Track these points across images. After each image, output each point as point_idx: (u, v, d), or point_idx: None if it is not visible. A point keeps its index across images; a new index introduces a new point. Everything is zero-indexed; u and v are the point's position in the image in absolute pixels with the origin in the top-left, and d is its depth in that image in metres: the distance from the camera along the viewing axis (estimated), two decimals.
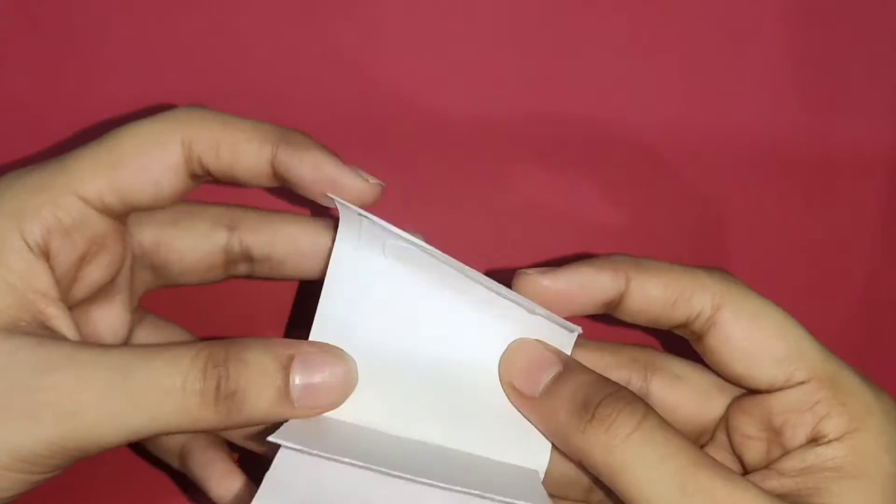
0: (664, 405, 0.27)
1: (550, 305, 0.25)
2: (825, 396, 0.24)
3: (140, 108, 0.34)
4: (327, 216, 0.29)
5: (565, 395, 0.24)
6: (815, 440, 0.24)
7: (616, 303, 0.25)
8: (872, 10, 0.36)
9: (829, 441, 0.24)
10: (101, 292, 0.27)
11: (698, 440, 0.28)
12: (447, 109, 0.34)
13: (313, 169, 0.25)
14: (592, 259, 0.26)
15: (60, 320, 0.24)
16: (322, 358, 0.24)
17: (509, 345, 0.25)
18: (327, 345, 0.25)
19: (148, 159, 0.25)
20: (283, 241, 0.27)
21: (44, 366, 0.23)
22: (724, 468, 0.22)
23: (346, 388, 0.25)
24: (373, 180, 0.26)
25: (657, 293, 0.25)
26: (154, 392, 0.23)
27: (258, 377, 0.23)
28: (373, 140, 0.34)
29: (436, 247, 0.26)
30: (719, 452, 0.27)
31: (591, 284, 0.25)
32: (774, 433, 0.25)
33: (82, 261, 0.26)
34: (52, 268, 0.24)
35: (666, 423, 0.23)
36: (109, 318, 0.27)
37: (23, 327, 0.23)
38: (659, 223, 0.35)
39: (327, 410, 0.25)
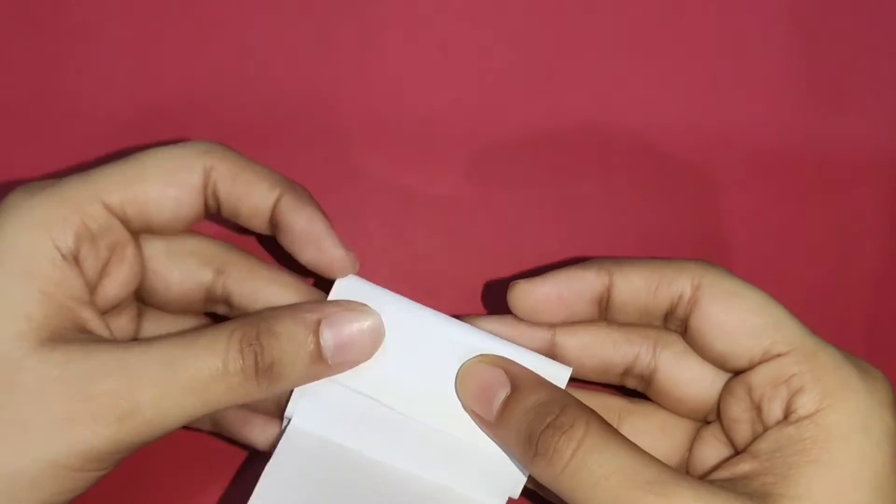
0: (672, 380, 0.27)
1: (544, 313, 0.26)
2: (801, 370, 0.24)
3: (140, 109, 0.34)
4: (312, 276, 0.29)
5: (513, 425, 0.24)
6: (786, 417, 0.24)
7: (605, 301, 0.26)
8: (872, 10, 0.36)
9: (799, 419, 0.23)
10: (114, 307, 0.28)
11: (708, 416, 0.27)
12: (447, 109, 0.35)
13: (307, 222, 0.27)
14: (576, 263, 0.27)
15: (95, 323, 0.25)
16: (347, 315, 0.26)
17: (459, 369, 0.26)
18: (351, 302, 0.27)
19: (172, 178, 0.26)
20: (263, 300, 0.28)
21: (98, 372, 0.24)
22: (666, 476, 0.22)
23: (375, 339, 0.26)
24: (351, 255, 0.27)
25: (639, 282, 0.25)
26: (202, 377, 0.24)
27: (290, 346, 0.25)
28: (373, 139, 0.34)
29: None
30: (719, 434, 0.27)
31: (577, 283, 0.26)
32: (756, 412, 0.25)
33: (104, 270, 0.26)
34: (82, 273, 0.25)
35: (606, 439, 0.23)
36: (118, 325, 0.28)
37: (65, 335, 0.24)
38: (659, 223, 0.35)
39: (362, 362, 0.26)
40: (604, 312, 0.27)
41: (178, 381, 0.24)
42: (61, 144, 0.33)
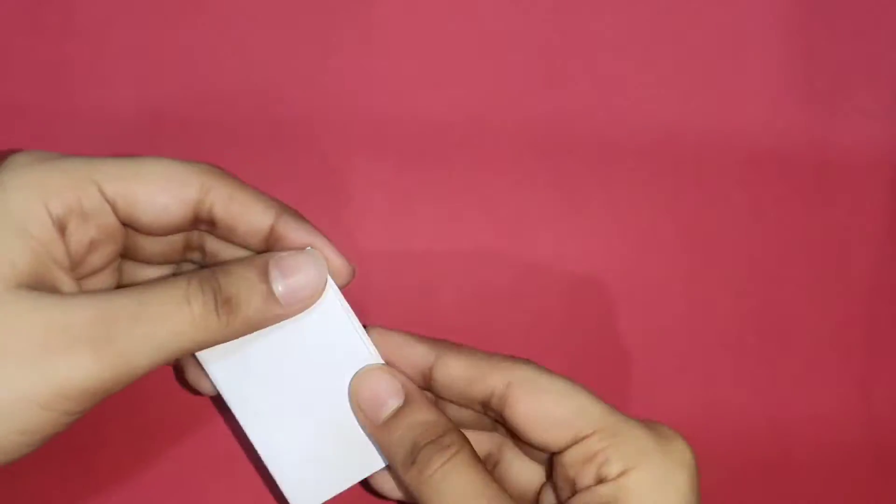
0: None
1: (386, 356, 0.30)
2: (606, 445, 0.27)
3: (141, 109, 0.34)
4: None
5: (399, 435, 0.28)
6: (597, 483, 0.27)
7: (429, 376, 0.29)
8: (872, 10, 0.36)
9: (606, 481, 0.27)
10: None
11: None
12: (447, 110, 0.35)
13: (307, 235, 0.29)
14: (425, 337, 0.30)
15: (70, 287, 0.27)
16: (294, 260, 0.28)
17: (359, 370, 0.29)
18: (299, 250, 0.28)
19: (167, 186, 0.27)
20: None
21: (73, 306, 0.25)
22: (502, 499, 0.26)
23: (320, 282, 0.28)
24: (350, 264, 0.29)
25: (458, 371, 0.28)
26: (168, 309, 0.26)
27: (244, 283, 0.27)
28: (373, 140, 0.34)
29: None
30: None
31: (406, 350, 0.29)
32: (571, 484, 0.28)
33: (91, 246, 0.27)
34: (65, 244, 0.26)
35: (470, 461, 0.27)
36: (96, 283, 0.29)
37: (43, 287, 0.26)
38: (659, 223, 0.35)
39: (311, 303, 0.28)
40: (427, 383, 0.29)
41: (147, 312, 0.25)
42: (64, 145, 0.33)
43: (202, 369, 0.29)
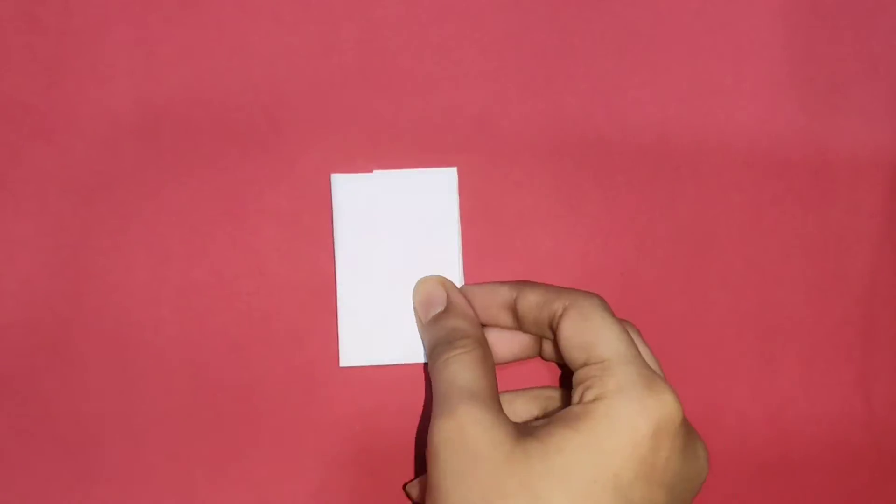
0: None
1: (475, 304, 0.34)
2: (596, 375, 0.30)
3: (140, 108, 0.34)
4: None
5: (434, 331, 0.33)
6: (579, 401, 0.30)
7: (514, 308, 0.33)
8: (872, 10, 0.36)
9: (581, 402, 0.30)
10: None
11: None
12: (446, 110, 0.35)
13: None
14: (509, 281, 0.34)
15: None
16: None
17: (420, 278, 0.35)
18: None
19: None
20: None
21: None
22: (488, 393, 0.30)
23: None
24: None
25: (531, 300, 0.33)
26: None
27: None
28: (372, 140, 0.34)
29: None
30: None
31: (496, 292, 0.34)
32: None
33: None
34: None
35: (473, 363, 0.31)
36: None
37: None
38: (657, 224, 0.35)
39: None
40: (515, 320, 0.33)
41: None
42: (63, 144, 0.33)
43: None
